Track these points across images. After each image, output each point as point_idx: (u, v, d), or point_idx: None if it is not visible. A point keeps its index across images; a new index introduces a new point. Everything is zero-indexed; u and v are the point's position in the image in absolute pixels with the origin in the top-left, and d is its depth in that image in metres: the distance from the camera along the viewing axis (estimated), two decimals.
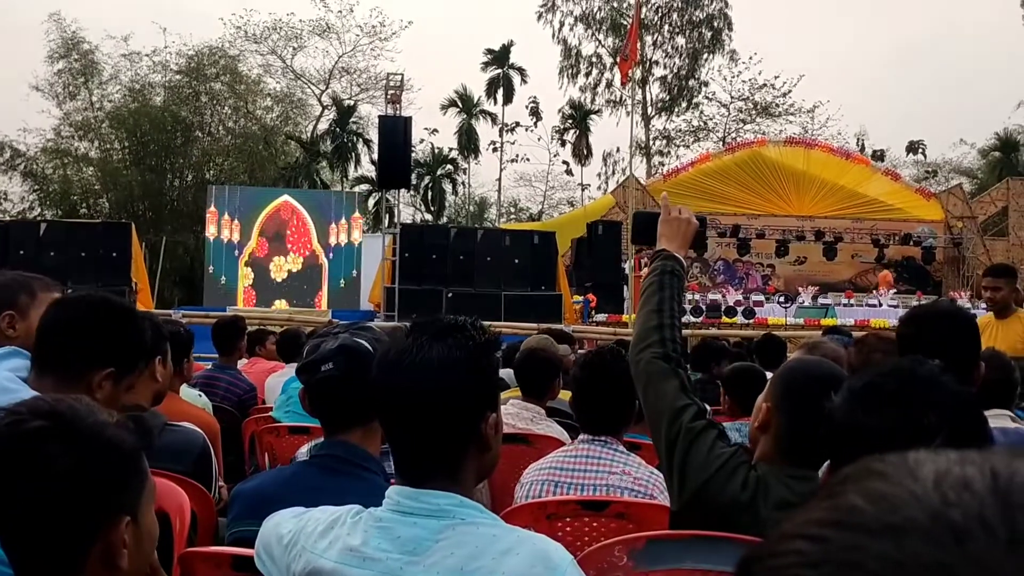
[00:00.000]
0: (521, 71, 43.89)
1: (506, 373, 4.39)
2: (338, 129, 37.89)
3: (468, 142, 43.63)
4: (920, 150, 44.19)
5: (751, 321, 19.91)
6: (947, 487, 0.38)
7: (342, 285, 20.68)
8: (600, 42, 41.11)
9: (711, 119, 40.96)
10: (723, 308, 20.82)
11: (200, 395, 4.32)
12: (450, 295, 16.30)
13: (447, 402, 1.50)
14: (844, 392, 1.42)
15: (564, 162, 44.27)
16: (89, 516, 1.29)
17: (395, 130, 16.85)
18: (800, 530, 0.39)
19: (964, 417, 1.36)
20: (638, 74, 34.49)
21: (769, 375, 2.29)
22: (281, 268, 20.59)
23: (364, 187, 36.64)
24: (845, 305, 21.97)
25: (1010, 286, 5.63)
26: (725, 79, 40.20)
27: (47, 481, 1.26)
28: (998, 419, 3.05)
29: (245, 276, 20.37)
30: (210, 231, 20.58)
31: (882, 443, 1.33)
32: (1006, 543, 0.36)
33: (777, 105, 39.91)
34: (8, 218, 27.87)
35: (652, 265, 2.31)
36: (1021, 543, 0.35)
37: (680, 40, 40.19)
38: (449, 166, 44.11)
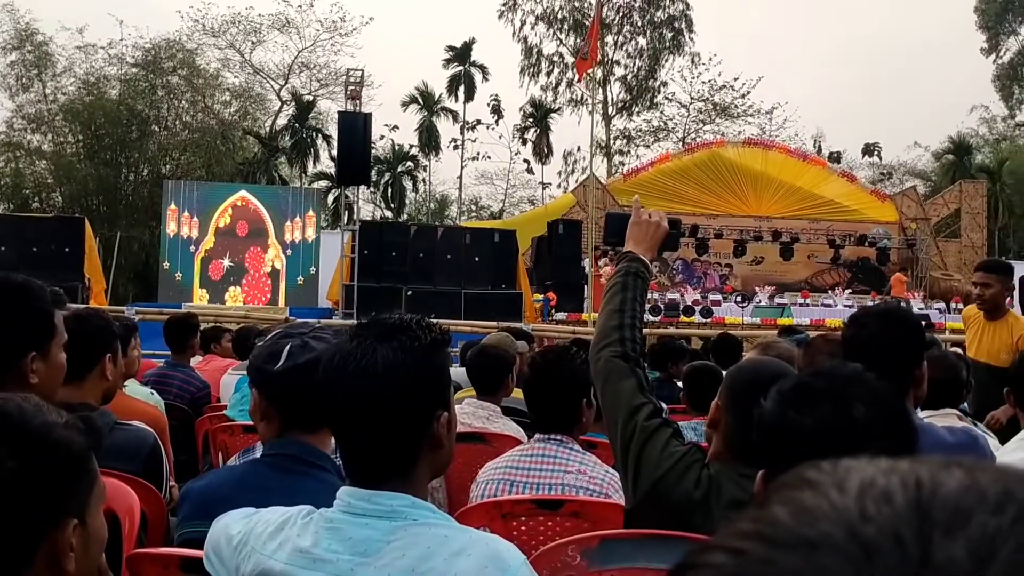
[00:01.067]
0: (483, 69, 43.87)
1: (461, 372, 4.38)
2: (297, 125, 37.57)
3: (429, 139, 43.51)
4: (876, 152, 44.86)
5: (708, 320, 20.09)
6: (869, 500, 0.37)
7: (300, 282, 20.51)
8: (561, 41, 41.22)
9: (671, 119, 41.28)
10: (681, 307, 20.98)
11: (152, 393, 4.24)
12: (410, 293, 16.24)
13: (395, 406, 1.48)
14: (773, 395, 1.45)
15: (525, 160, 44.36)
16: (35, 519, 1.26)
17: (355, 126, 16.73)
18: (723, 542, 0.38)
19: (889, 409, 1.41)
20: (599, 74, 34.61)
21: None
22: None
23: (323, 183, 36.38)
24: (801, 305, 22.24)
25: (1002, 283, 5.07)
26: (685, 79, 40.54)
27: None
28: (946, 418, 3.11)
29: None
30: (170, 228, 20.26)
31: (817, 440, 1.36)
32: (917, 562, 0.34)
33: (736, 106, 40.31)
34: None
35: (618, 266, 2.33)
36: (932, 563, 0.34)
37: (641, 40, 40.41)
38: (409, 163, 43.95)
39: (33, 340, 2.04)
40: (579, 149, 42.81)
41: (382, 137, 41.13)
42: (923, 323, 2.87)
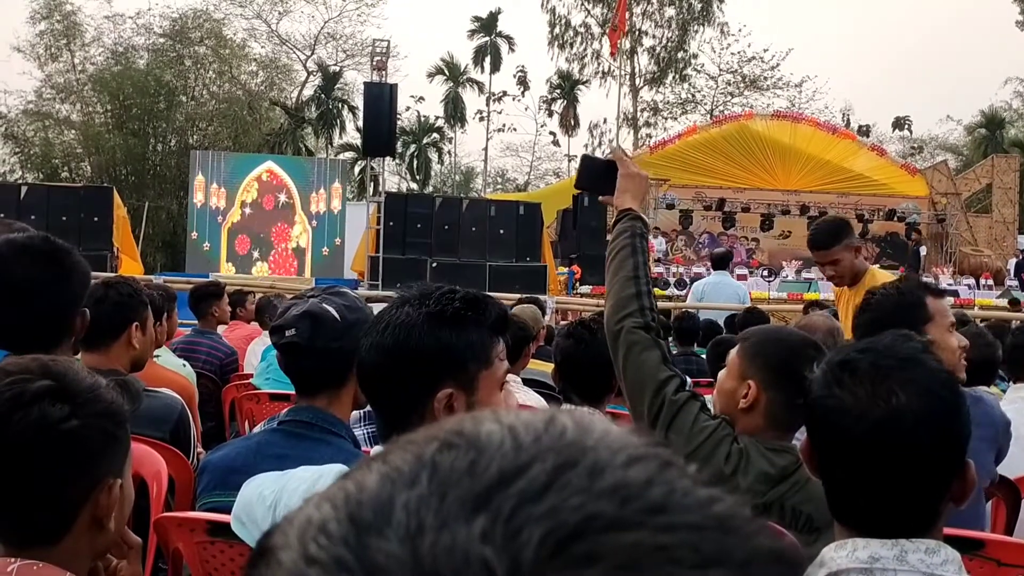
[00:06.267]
0: (509, 39, 43.63)
1: None
2: (323, 95, 37.55)
3: (455, 111, 43.39)
4: (906, 126, 44.26)
5: None
6: (309, 541, 0.35)
7: (325, 253, 20.58)
8: (588, 12, 40.80)
9: (699, 92, 40.86)
10: None
11: (184, 365, 4.29)
12: (434, 264, 16.25)
13: (391, 374, 1.52)
14: (823, 366, 1.40)
15: (551, 133, 44.16)
16: (85, 479, 1.29)
17: (381, 97, 16.70)
18: None
19: (937, 400, 1.31)
20: (627, 45, 34.30)
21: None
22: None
23: (349, 155, 36.42)
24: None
25: (845, 248, 4.24)
26: (714, 51, 40.07)
27: (52, 444, 1.25)
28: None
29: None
30: (198, 198, 20.35)
31: (853, 421, 1.32)
32: None
33: (765, 78, 39.82)
34: None
35: (621, 225, 2.23)
36: (376, 569, 0.33)
37: (669, 11, 39.92)
38: (435, 135, 43.89)
39: (77, 302, 2.09)
40: (605, 121, 42.57)
41: (408, 108, 41.08)
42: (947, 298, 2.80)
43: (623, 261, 2.16)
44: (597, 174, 2.32)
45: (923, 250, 23.96)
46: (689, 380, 5.11)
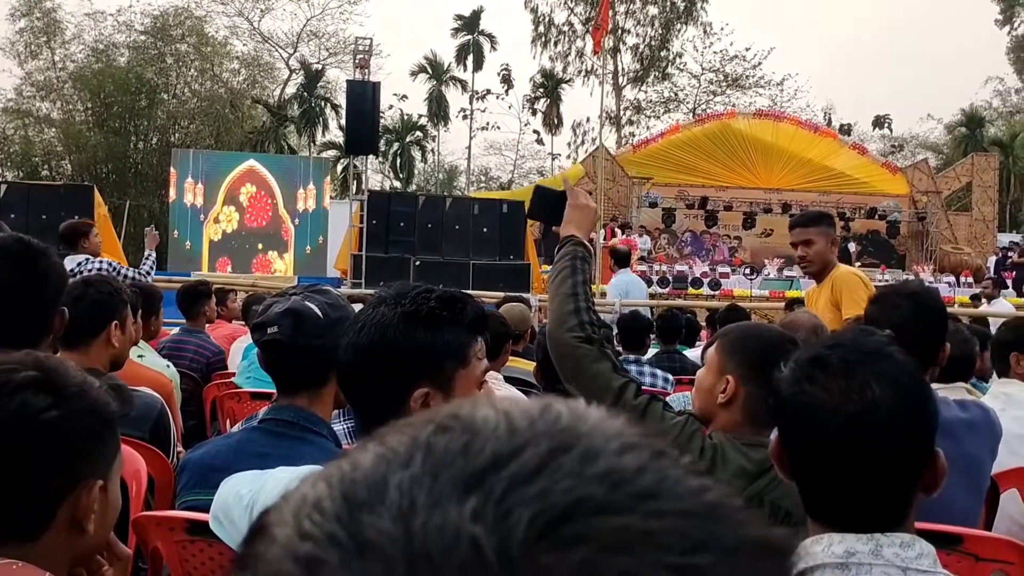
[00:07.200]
0: (491, 38, 43.60)
1: None
2: (306, 94, 37.45)
3: (438, 109, 43.35)
4: (887, 125, 44.54)
5: (717, 293, 20.05)
6: (303, 517, 0.36)
7: (308, 252, 20.52)
8: (571, 10, 40.83)
9: (682, 90, 40.99)
10: (689, 280, 20.93)
11: (168, 366, 4.26)
12: (418, 263, 16.22)
13: (364, 373, 1.55)
14: (791, 364, 1.41)
15: (535, 131, 44.16)
16: (66, 475, 1.27)
17: (363, 95, 16.64)
18: None
19: (908, 391, 1.34)
20: (609, 43, 34.33)
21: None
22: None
23: (332, 153, 36.34)
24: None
25: (826, 237, 4.18)
26: (696, 50, 40.20)
27: (32, 433, 1.24)
28: (955, 391, 3.11)
29: (213, 233, 20.08)
30: (174, 195, 20.28)
31: (828, 416, 1.33)
32: (355, 553, 0.34)
33: (747, 77, 39.98)
34: None
35: (563, 250, 2.29)
36: (367, 546, 0.34)
37: (652, 10, 40.00)
38: (418, 133, 43.83)
39: (54, 306, 2.08)
40: (588, 120, 42.61)
41: (391, 107, 40.99)
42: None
43: (563, 281, 2.21)
44: (550, 205, 2.38)
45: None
46: (671, 377, 5.13)
